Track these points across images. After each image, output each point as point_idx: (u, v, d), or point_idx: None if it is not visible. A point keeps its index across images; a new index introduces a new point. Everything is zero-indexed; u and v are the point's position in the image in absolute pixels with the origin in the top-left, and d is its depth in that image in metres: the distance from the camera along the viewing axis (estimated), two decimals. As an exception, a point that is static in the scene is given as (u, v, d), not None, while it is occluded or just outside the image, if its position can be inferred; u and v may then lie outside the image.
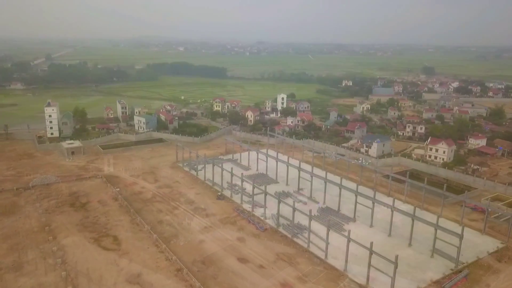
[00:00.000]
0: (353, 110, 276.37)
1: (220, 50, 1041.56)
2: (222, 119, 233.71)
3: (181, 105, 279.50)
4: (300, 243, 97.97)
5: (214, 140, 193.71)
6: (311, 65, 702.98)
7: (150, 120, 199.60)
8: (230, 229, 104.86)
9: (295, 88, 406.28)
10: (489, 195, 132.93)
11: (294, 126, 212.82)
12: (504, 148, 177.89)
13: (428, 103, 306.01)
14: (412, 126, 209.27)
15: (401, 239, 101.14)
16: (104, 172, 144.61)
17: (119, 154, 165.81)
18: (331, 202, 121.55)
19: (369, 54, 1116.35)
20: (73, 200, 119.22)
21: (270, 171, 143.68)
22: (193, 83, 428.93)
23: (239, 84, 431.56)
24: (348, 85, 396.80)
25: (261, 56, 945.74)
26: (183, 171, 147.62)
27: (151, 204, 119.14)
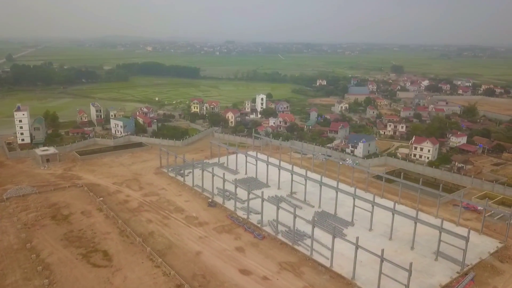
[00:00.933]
0: (331, 109, 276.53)
1: (189, 50, 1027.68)
2: (202, 121, 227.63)
3: (157, 107, 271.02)
4: (301, 250, 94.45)
5: (196, 143, 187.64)
6: (282, 64, 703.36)
7: (127, 124, 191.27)
8: (227, 238, 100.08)
9: (269, 88, 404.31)
10: (478, 193, 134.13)
11: (276, 127, 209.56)
12: (484, 146, 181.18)
13: (403, 102, 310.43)
14: (393, 125, 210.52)
15: (402, 243, 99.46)
16: (84, 180, 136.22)
17: (98, 160, 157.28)
18: (326, 205, 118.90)
19: (337, 53, 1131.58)
20: (54, 212, 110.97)
21: (260, 174, 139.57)
22: (166, 83, 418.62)
23: (213, 84, 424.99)
24: (323, 85, 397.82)
25: (231, 55, 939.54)
26: (169, 177, 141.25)
27: (139, 213, 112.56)
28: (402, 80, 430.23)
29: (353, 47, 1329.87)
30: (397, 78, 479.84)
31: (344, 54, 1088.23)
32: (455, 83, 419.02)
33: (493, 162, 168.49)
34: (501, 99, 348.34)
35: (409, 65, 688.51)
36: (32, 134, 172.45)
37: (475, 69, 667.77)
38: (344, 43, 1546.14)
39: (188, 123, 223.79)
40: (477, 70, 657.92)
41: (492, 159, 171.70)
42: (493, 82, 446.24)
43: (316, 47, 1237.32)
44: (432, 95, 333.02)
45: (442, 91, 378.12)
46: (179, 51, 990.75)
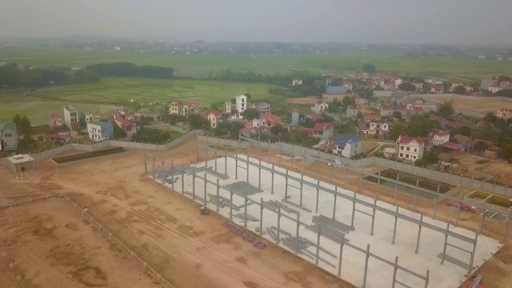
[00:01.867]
0: (310, 109, 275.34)
1: (159, 50, 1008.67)
2: (182, 123, 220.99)
3: (133, 109, 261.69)
4: (305, 258, 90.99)
5: (179, 147, 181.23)
6: (255, 64, 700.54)
7: (106, 128, 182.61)
8: (226, 248, 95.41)
9: (245, 88, 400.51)
10: (467, 192, 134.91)
11: (259, 128, 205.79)
12: (466, 144, 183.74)
13: (380, 101, 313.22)
14: (375, 125, 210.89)
15: (406, 246, 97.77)
16: (65, 189, 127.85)
17: (77, 168, 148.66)
18: (322, 209, 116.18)
19: (307, 52, 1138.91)
20: (36, 226, 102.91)
21: (251, 178, 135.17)
22: (138, 84, 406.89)
23: (188, 84, 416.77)
24: (299, 84, 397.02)
25: (202, 55, 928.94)
26: (155, 183, 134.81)
27: (129, 224, 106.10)
28: (376, 79, 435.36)
29: (322, 47, 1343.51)
30: (370, 77, 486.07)
31: (315, 54, 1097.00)
32: (427, 81, 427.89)
33: (477, 160, 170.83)
34: (472, 97, 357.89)
35: (379, 64, 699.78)
36: (3, 141, 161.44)
37: (441, 68, 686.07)
38: (313, 43, 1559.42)
39: (168, 126, 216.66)
40: (443, 68, 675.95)
41: (475, 157, 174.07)
42: (460, 80, 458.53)
43: (286, 47, 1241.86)
44: (407, 93, 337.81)
45: (415, 89, 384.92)
46: (149, 51, 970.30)
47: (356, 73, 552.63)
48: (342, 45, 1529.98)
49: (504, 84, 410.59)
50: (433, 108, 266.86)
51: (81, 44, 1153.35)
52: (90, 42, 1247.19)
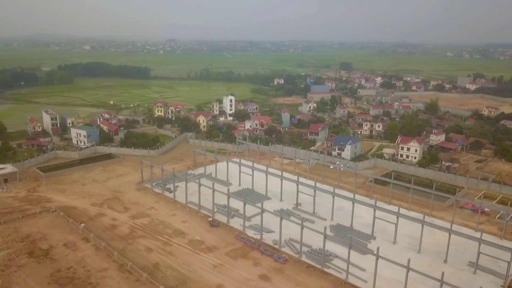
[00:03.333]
0: (298, 109, 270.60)
1: (131, 49, 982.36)
2: (170, 126, 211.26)
3: (113, 111, 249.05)
4: (333, 273, 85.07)
5: (171, 152, 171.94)
6: (230, 63, 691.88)
7: (91, 133, 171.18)
8: (245, 264, 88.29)
9: (225, 88, 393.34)
10: (474, 193, 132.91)
11: (252, 130, 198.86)
12: (462, 143, 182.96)
13: (365, 99, 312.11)
14: (369, 124, 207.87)
15: (432, 255, 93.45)
16: (56, 202, 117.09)
17: (66, 177, 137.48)
18: (336, 217, 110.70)
19: (281, 51, 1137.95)
20: (29, 247, 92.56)
21: (255, 185, 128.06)
22: (114, 85, 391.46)
23: (166, 84, 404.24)
24: (281, 84, 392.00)
25: (176, 54, 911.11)
26: (154, 193, 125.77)
27: (134, 241, 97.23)
28: (357, 77, 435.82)
29: (295, 45, 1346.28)
30: (349, 75, 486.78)
31: (289, 52, 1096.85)
32: (405, 79, 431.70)
33: (475, 159, 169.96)
34: (452, 94, 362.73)
35: (353, 62, 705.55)
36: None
37: (414, 65, 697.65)
38: (285, 41, 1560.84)
39: (155, 129, 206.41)
40: (416, 66, 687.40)
41: (472, 156, 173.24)
42: (435, 78, 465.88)
43: (259, 45, 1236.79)
44: (392, 92, 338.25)
45: (396, 87, 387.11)
46: (120, 50, 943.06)
47: (335, 71, 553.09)
48: (313, 43, 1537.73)
49: (480, 81, 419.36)
50: (420, 106, 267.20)
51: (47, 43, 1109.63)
52: (56, 41, 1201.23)
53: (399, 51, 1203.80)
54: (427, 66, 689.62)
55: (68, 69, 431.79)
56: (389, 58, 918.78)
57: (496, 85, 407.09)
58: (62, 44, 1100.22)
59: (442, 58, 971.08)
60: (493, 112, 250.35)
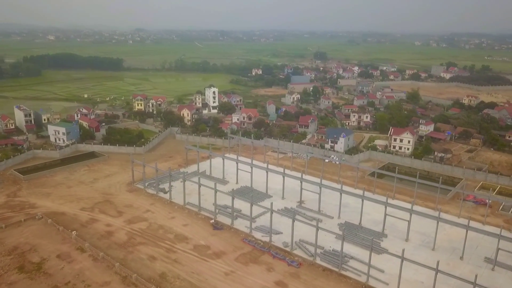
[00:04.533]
0: (281, 101, 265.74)
1: (98, 39, 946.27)
2: (153, 120, 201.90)
3: (89, 106, 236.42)
4: (351, 276, 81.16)
5: (158, 148, 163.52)
6: (203, 52, 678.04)
7: (71, 130, 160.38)
8: (258, 270, 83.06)
9: (201, 79, 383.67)
10: (472, 184, 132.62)
11: (240, 123, 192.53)
12: (452, 133, 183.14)
13: (346, 89, 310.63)
14: (357, 115, 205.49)
15: (447, 252, 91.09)
16: (41, 208, 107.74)
17: (49, 180, 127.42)
18: (343, 214, 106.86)
19: (253, 40, 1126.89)
20: (19, 261, 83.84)
21: (254, 182, 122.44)
22: (86, 77, 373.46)
23: (141, 76, 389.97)
24: (259, 74, 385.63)
25: (146, 44, 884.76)
26: (148, 194, 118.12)
27: (134, 249, 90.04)
28: (334, 67, 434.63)
29: (266, 34, 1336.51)
30: (324, 65, 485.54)
31: (260, 42, 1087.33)
32: (381, 68, 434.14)
33: (464, 148, 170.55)
34: (428, 83, 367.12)
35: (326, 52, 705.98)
36: None
37: (385, 54, 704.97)
38: (256, 30, 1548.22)
39: (137, 124, 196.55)
40: (387, 55, 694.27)
41: (462, 146, 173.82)
42: (408, 67, 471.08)
43: (231, 34, 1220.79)
44: (372, 82, 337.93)
45: (374, 77, 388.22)
46: (87, 40, 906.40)
47: (310, 61, 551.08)
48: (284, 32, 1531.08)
49: (453, 70, 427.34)
50: (402, 96, 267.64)
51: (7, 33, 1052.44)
52: (17, 31, 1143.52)
53: (369, 41, 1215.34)
54: (398, 55, 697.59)
55: (34, 61, 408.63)
56: (360, 48, 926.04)
57: (469, 74, 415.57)
58: (24, 34, 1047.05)
59: (411, 47, 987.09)
60: (473, 101, 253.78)
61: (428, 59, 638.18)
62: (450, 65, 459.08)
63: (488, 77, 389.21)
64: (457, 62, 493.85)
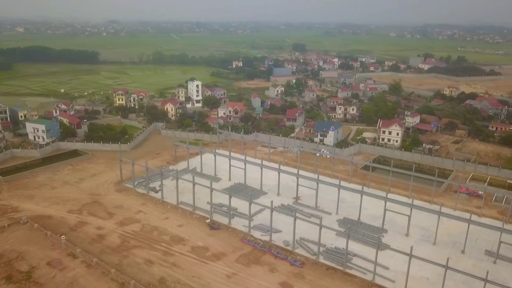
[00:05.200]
0: (265, 93, 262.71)
1: (70, 31, 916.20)
2: (135, 115, 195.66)
3: (67, 101, 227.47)
4: (356, 274, 79.56)
5: (144, 145, 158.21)
6: (180, 45, 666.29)
7: (51, 127, 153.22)
8: (261, 272, 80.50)
9: (180, 72, 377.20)
10: (462, 175, 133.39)
11: (226, 118, 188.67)
12: (438, 124, 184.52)
13: (329, 81, 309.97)
14: (343, 108, 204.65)
15: (448, 246, 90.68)
16: (25, 212, 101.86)
17: (30, 181, 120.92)
18: (341, 210, 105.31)
19: (230, 32, 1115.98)
20: (6, 270, 78.56)
21: (247, 179, 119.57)
22: (61, 71, 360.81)
23: (118, 69, 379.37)
24: (240, 66, 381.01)
25: (121, 36, 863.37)
26: (138, 194, 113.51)
27: (129, 252, 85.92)
28: (314, 59, 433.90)
29: (243, 26, 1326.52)
30: (304, 57, 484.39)
31: (237, 33, 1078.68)
32: (361, 60, 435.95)
33: (451, 140, 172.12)
34: (407, 74, 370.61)
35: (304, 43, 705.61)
36: None
37: (362, 46, 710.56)
38: (232, 22, 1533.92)
39: (119, 119, 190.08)
40: (364, 46, 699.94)
41: (448, 137, 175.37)
42: (386, 58, 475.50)
43: (207, 26, 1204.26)
44: (354, 73, 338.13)
45: (354, 68, 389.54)
46: (59, 33, 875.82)
47: (289, 53, 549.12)
48: (260, 24, 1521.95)
49: (430, 61, 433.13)
50: (385, 87, 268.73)
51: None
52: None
53: (345, 32, 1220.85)
54: (374, 47, 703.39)
55: (5, 54, 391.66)
56: (337, 39, 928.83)
57: (446, 65, 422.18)
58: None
59: (387, 39, 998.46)
60: (454, 92, 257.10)
61: (404, 50, 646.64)
62: (427, 56, 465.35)
63: (464, 68, 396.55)
64: (432, 53, 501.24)
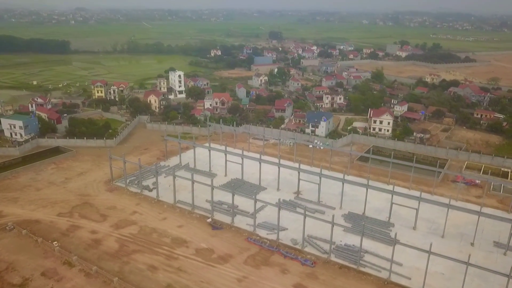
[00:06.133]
0: (248, 83, 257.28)
1: (35, 19, 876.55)
2: (117, 108, 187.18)
3: (41, 93, 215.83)
4: (371, 272, 77.21)
5: (130, 140, 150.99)
6: (153, 33, 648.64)
7: (29, 123, 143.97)
8: (272, 273, 77.00)
9: (156, 61, 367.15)
10: (456, 164, 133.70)
11: (213, 109, 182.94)
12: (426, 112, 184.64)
13: (310, 70, 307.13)
14: (330, 97, 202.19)
15: (456, 239, 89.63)
16: (10, 216, 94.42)
17: (12, 182, 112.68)
18: (343, 204, 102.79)
19: (202, 20, 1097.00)
20: (-3, 284, 72.21)
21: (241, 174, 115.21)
22: (30, 62, 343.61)
23: (92, 59, 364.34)
24: (218, 55, 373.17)
25: (90, 24, 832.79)
26: (131, 193, 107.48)
27: (129, 258, 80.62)
28: (292, 47, 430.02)
29: (215, 13, 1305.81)
30: (281, 45, 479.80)
31: (211, 21, 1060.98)
32: (339, 47, 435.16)
33: (439, 128, 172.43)
34: (387, 62, 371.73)
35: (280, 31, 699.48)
36: None
37: (337, 33, 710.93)
38: (204, 9, 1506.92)
39: (101, 113, 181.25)
40: (339, 34, 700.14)
41: (436, 125, 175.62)
42: (362, 45, 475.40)
43: (179, 14, 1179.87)
44: (336, 61, 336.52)
45: (333, 56, 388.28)
46: (23, 21, 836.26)
47: (266, 41, 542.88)
48: (233, 11, 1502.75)
49: (407, 48, 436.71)
50: (368, 76, 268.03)
51: None
52: None
53: (318, 19, 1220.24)
54: (349, 34, 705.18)
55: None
56: (311, 27, 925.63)
57: (422, 52, 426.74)
58: None
59: (360, 26, 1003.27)
60: (436, 79, 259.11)
61: (379, 38, 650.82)
62: (404, 43, 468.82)
63: (440, 55, 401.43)
64: (406, 40, 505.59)
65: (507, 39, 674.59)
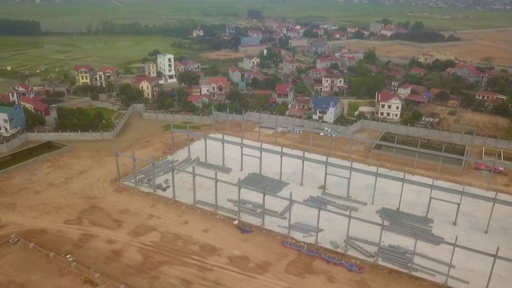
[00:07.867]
0: (239, 65, 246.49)
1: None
2: (106, 96, 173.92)
3: (19, 80, 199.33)
4: (425, 277, 71.40)
5: (128, 131, 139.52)
6: (126, 12, 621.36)
7: (15, 115, 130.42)
8: (319, 283, 70.19)
9: (134, 43, 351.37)
10: (475, 150, 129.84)
11: (210, 95, 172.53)
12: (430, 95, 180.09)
13: (300, 51, 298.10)
14: (330, 80, 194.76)
15: (499, 234, 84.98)
16: (10, 226, 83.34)
17: (5, 184, 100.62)
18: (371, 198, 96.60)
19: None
20: (11, 312, 62.34)
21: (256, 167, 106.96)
22: None
23: (66, 41, 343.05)
24: (201, 36, 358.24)
25: (57, 3, 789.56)
26: (142, 193, 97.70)
27: (158, 271, 71.93)
28: (276, 26, 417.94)
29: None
30: (262, 24, 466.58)
31: None
32: (323, 27, 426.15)
33: (445, 111, 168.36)
34: (373, 41, 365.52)
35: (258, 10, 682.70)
36: None
37: (316, 12, 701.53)
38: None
39: (89, 101, 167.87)
40: (318, 12, 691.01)
41: (441, 108, 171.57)
42: (344, 24, 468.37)
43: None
44: (326, 42, 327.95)
45: (318, 36, 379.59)
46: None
47: (246, 20, 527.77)
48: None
49: (390, 27, 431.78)
50: (360, 56, 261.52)
51: None
52: None
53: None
54: (328, 12, 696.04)
55: None
56: (288, 5, 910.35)
57: (407, 31, 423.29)
58: None
59: (335, 4, 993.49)
60: (429, 59, 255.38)
61: (357, 16, 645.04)
62: (386, 22, 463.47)
63: (425, 34, 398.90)
64: (389, 19, 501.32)
65: (481, 16, 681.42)
